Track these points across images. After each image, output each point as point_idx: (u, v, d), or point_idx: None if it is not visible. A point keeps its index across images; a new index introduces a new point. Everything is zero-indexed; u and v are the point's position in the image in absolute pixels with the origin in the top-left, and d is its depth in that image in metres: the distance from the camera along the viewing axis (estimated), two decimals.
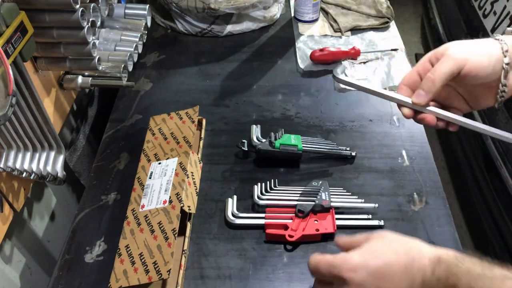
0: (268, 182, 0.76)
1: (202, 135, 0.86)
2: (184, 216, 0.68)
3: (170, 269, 0.59)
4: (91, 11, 0.73)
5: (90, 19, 0.72)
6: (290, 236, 0.67)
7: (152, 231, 0.65)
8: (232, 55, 1.07)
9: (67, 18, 0.68)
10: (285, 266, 0.67)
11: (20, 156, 0.67)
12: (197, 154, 0.80)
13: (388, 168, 0.80)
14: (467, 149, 1.50)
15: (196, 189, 0.75)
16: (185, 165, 0.72)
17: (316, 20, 1.16)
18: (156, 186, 0.71)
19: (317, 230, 0.68)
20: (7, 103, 0.57)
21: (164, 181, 0.71)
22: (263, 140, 0.81)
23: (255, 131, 0.84)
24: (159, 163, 0.75)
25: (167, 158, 0.75)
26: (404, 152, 0.83)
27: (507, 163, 1.22)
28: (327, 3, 1.20)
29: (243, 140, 0.81)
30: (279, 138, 0.79)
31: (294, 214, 0.70)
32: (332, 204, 0.70)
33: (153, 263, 0.61)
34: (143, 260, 0.62)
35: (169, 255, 0.60)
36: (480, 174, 1.39)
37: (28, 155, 0.69)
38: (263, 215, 0.71)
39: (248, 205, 0.75)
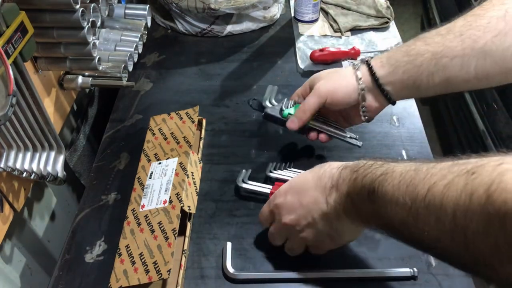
0: (284, 163, 0.78)
1: (202, 135, 0.86)
2: (184, 216, 0.68)
3: (170, 269, 0.59)
4: (91, 11, 0.73)
5: (90, 19, 0.72)
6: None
7: (152, 231, 0.65)
8: (232, 55, 1.08)
9: (67, 18, 0.68)
10: (285, 267, 0.67)
11: (20, 156, 0.67)
12: (197, 154, 0.80)
13: None
14: (467, 149, 1.50)
15: (196, 189, 0.75)
16: (185, 165, 0.72)
17: (316, 20, 1.16)
18: (156, 186, 0.71)
19: None
20: (7, 103, 0.57)
21: (164, 181, 0.71)
22: (275, 104, 0.77)
23: (271, 92, 0.78)
24: (159, 163, 0.75)
25: (167, 158, 0.75)
26: (404, 152, 0.83)
27: None
28: (327, 3, 1.20)
29: (255, 98, 0.78)
30: (291, 107, 0.75)
31: None
32: None
33: (153, 263, 0.61)
34: (143, 260, 0.62)
35: (169, 255, 0.60)
36: None
37: (28, 155, 0.69)
38: (271, 186, 0.71)
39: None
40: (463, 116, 1.52)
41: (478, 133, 1.39)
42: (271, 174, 0.75)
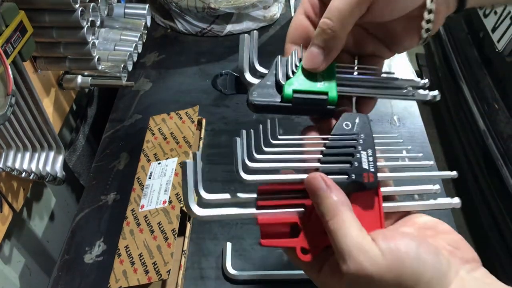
0: (262, 132, 0.39)
1: (202, 135, 0.86)
2: (184, 216, 0.68)
3: (170, 269, 0.59)
4: (90, 10, 0.72)
5: (90, 19, 0.72)
6: (304, 252, 0.34)
7: (152, 232, 0.64)
8: (232, 55, 1.07)
9: (66, 18, 0.68)
10: (286, 267, 0.67)
11: (19, 156, 0.67)
12: None
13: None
14: (467, 149, 1.50)
15: None
16: None
17: None
18: (156, 186, 0.71)
19: None
20: (7, 103, 0.57)
21: (164, 181, 0.71)
22: (264, 72, 0.42)
23: (248, 47, 0.41)
24: (159, 163, 0.75)
25: (167, 158, 0.75)
26: (404, 152, 0.83)
27: (507, 163, 1.21)
28: None
29: (224, 72, 0.43)
30: (293, 74, 0.39)
31: (308, 199, 0.34)
32: (380, 176, 0.36)
33: (152, 264, 0.60)
34: (142, 261, 0.61)
35: (169, 256, 0.60)
36: (480, 174, 1.39)
37: (28, 155, 0.69)
38: (254, 197, 0.36)
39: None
40: (464, 116, 1.52)
41: (479, 133, 1.39)
42: (247, 178, 0.36)
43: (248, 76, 0.41)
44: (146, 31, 0.92)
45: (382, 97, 0.42)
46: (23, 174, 0.67)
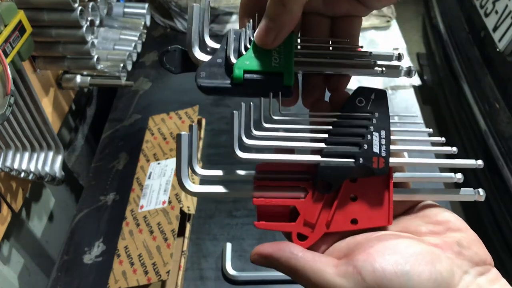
0: (262, 106, 0.35)
1: (202, 135, 0.85)
2: (184, 216, 0.68)
3: (169, 270, 0.59)
4: (90, 10, 0.72)
5: (89, 18, 0.72)
6: (302, 238, 0.32)
7: (151, 232, 0.64)
8: None
9: (66, 17, 0.68)
10: None
11: (18, 156, 0.67)
12: (197, 154, 0.80)
13: None
14: (468, 149, 1.50)
15: None
16: None
17: None
18: (155, 186, 0.70)
19: (355, 221, 0.32)
20: (5, 102, 0.56)
21: (163, 181, 0.71)
22: (217, 48, 0.36)
23: (198, 16, 0.35)
24: (158, 163, 0.74)
25: (166, 158, 0.75)
26: (405, 153, 0.83)
27: (509, 163, 1.21)
28: None
29: (171, 47, 0.36)
30: (246, 50, 0.34)
31: (309, 182, 0.32)
32: (393, 161, 0.33)
33: (152, 264, 0.60)
34: (142, 261, 0.61)
35: (168, 256, 0.60)
36: (481, 174, 1.39)
37: (27, 155, 0.69)
38: (251, 175, 0.33)
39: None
40: (464, 116, 1.51)
41: (480, 133, 1.38)
42: (243, 156, 0.33)
43: (197, 52, 0.35)
44: (145, 31, 0.92)
45: (348, 73, 0.36)
46: (22, 174, 0.66)
